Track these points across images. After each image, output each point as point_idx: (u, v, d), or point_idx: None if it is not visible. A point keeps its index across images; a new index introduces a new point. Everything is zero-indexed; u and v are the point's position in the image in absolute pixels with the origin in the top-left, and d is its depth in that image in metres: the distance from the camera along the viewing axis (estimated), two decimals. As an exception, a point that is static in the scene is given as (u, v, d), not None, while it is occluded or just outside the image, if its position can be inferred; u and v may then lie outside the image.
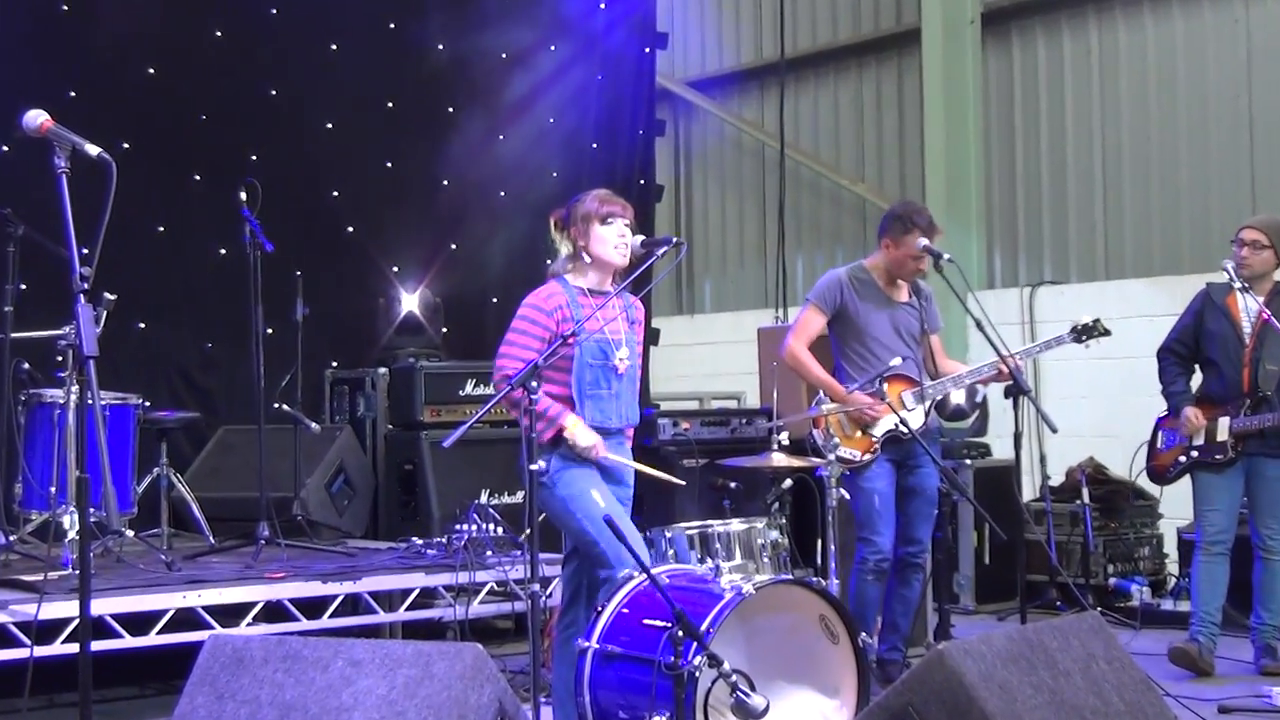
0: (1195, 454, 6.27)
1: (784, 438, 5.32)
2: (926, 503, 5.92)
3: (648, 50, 9.91)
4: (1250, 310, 6.18)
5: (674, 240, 4.73)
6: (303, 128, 8.10)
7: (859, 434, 5.84)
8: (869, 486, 5.81)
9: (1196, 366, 6.41)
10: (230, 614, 5.49)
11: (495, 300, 8.75)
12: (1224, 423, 6.21)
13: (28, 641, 4.79)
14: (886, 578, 5.87)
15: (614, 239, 4.78)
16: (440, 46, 8.75)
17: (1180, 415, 6.31)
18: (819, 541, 5.42)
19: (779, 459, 5.21)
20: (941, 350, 6.13)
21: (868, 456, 5.84)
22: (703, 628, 4.18)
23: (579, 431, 4.65)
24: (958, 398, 6.34)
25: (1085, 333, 6.00)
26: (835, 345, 6.04)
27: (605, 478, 4.77)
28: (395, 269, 8.36)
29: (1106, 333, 6.04)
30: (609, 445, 4.77)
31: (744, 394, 10.43)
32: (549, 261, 4.98)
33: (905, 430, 5.73)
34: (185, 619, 5.31)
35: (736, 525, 4.98)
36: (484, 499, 6.92)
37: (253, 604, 5.51)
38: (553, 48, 9.25)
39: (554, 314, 4.72)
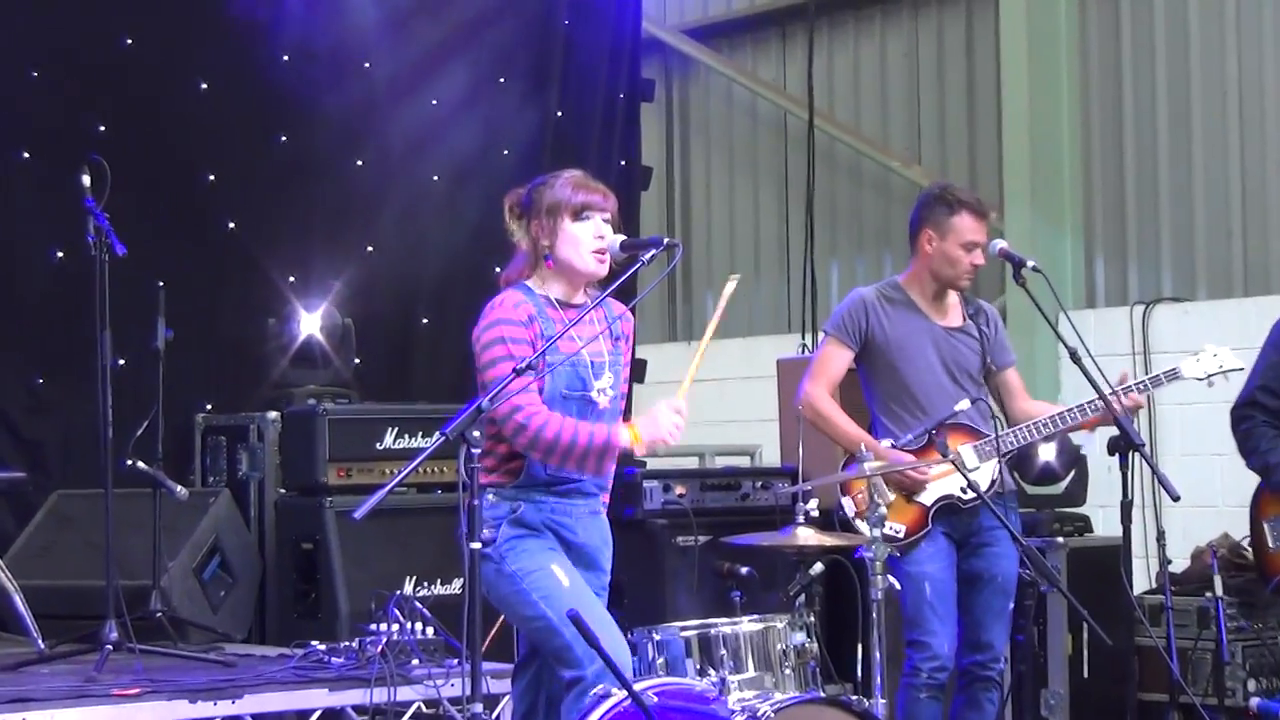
0: None
1: (813, 507, 5.34)
2: (999, 594, 5.91)
3: (631, -14, 9.98)
4: None
5: (665, 241, 4.76)
6: (168, 89, 8.10)
7: (904, 503, 5.83)
8: (917, 571, 5.79)
9: None
10: (65, 744, 5.46)
11: (425, 321, 8.76)
12: None
13: None
14: (949, 695, 5.86)
15: (589, 240, 4.80)
16: (355, -19, 8.80)
17: None
18: (860, 647, 5.43)
19: (806, 535, 5.21)
20: (1023, 389, 6.11)
21: (915, 532, 5.83)
22: (703, 763, 4.19)
23: (643, 425, 4.66)
24: (1046, 453, 6.31)
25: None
26: (867, 391, 6.05)
27: (575, 560, 4.79)
28: (291, 279, 8.36)
29: (1238, 368, 6.03)
30: (577, 517, 4.79)
31: (759, 448, 10.43)
32: (498, 269, 4.98)
33: (969, 494, 5.72)
34: (4, 751, 5.29)
35: (749, 625, 4.99)
36: (409, 588, 6.91)
37: (96, 730, 5.48)
38: (504, -18, 9.32)
39: (529, 326, 4.73)
